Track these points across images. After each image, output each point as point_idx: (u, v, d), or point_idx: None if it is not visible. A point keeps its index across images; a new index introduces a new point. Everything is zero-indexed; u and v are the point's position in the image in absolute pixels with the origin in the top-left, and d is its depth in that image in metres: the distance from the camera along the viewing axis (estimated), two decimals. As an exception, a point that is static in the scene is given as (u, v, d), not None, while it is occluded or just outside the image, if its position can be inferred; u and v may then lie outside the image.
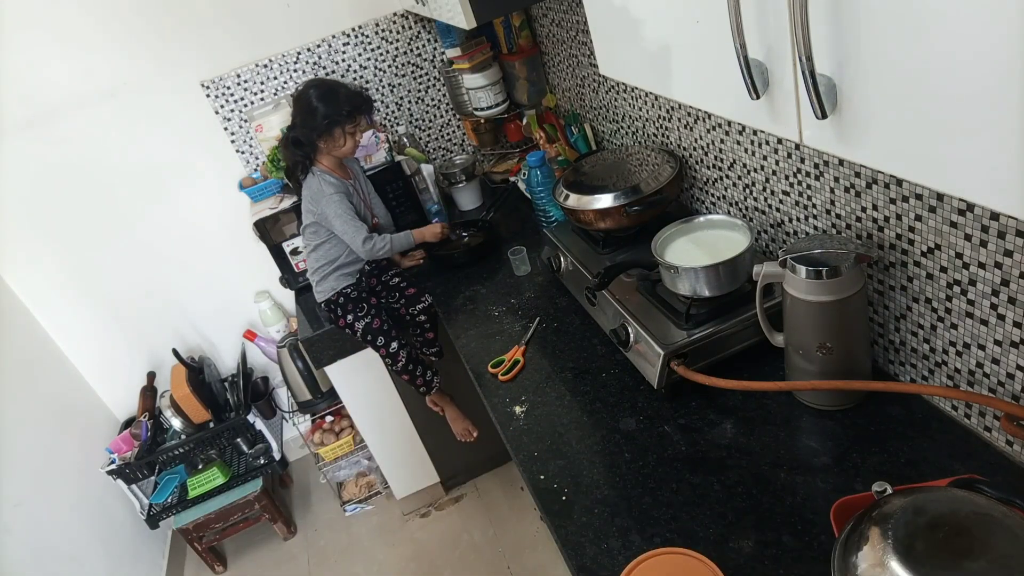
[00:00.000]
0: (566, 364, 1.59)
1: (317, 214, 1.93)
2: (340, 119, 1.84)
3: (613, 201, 1.63)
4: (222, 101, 2.42)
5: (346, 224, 1.91)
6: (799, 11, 0.59)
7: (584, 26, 1.98)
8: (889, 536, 0.81)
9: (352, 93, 1.87)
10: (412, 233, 2.06)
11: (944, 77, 0.52)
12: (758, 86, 0.72)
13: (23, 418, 2.27)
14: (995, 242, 0.96)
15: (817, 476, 1.16)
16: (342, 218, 1.90)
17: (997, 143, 0.50)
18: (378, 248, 1.95)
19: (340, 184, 1.93)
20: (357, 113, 1.87)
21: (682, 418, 1.35)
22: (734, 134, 1.48)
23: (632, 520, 1.18)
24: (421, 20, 2.52)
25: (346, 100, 1.84)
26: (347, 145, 1.90)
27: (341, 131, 1.86)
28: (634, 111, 1.91)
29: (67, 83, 2.25)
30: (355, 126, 1.89)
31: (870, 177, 1.14)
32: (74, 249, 2.46)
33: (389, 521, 2.70)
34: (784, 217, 1.43)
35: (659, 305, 1.44)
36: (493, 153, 2.75)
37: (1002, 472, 1.07)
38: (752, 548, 1.08)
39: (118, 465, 2.46)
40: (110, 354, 2.64)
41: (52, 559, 2.14)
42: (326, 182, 1.91)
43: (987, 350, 1.06)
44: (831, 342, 1.17)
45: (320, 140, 1.87)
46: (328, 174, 1.92)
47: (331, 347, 2.20)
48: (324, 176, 1.92)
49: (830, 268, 1.11)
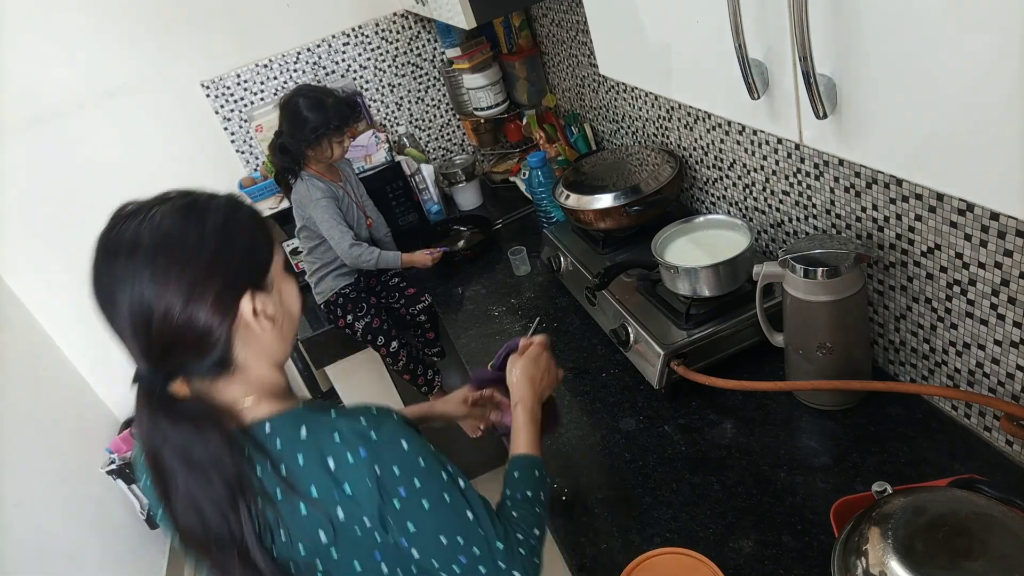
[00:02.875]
0: (566, 364, 1.59)
1: (306, 218, 1.94)
2: (327, 131, 1.84)
3: (613, 201, 1.63)
4: (222, 101, 2.42)
5: (332, 229, 1.91)
6: (799, 11, 0.59)
7: (584, 26, 1.98)
8: (889, 536, 0.81)
9: (340, 102, 1.86)
10: (401, 256, 2.02)
11: (944, 77, 0.52)
12: (758, 86, 0.72)
13: (23, 418, 2.27)
14: (995, 242, 0.96)
15: (817, 476, 1.16)
16: (328, 223, 1.91)
17: (997, 143, 0.50)
18: (364, 259, 1.94)
19: (328, 188, 1.93)
20: (345, 125, 1.87)
21: (682, 418, 1.35)
22: (734, 134, 1.48)
23: (632, 520, 1.18)
24: (421, 20, 2.52)
25: (334, 111, 1.83)
26: (335, 153, 1.90)
27: (328, 141, 1.86)
28: (634, 111, 1.91)
29: (67, 83, 2.25)
30: (343, 135, 1.89)
31: (870, 177, 1.14)
32: (74, 249, 2.44)
33: (389, 521, 2.69)
34: (784, 217, 1.43)
35: (659, 305, 1.44)
36: (493, 153, 2.75)
37: (1002, 472, 1.07)
38: (752, 548, 1.08)
39: (118, 465, 2.46)
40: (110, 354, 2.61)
41: (52, 559, 2.14)
42: (314, 186, 1.91)
43: (987, 350, 1.06)
44: (831, 342, 1.17)
45: (308, 149, 1.87)
46: (317, 178, 1.93)
47: (331, 347, 2.20)
48: (312, 180, 1.92)
49: (830, 268, 1.11)
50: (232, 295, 0.79)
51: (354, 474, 0.79)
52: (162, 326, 0.76)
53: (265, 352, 0.85)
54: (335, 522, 0.79)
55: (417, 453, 0.82)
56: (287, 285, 0.88)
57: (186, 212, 0.80)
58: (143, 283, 0.75)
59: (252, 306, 0.80)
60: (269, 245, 0.85)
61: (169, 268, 0.75)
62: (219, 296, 0.77)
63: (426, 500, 0.82)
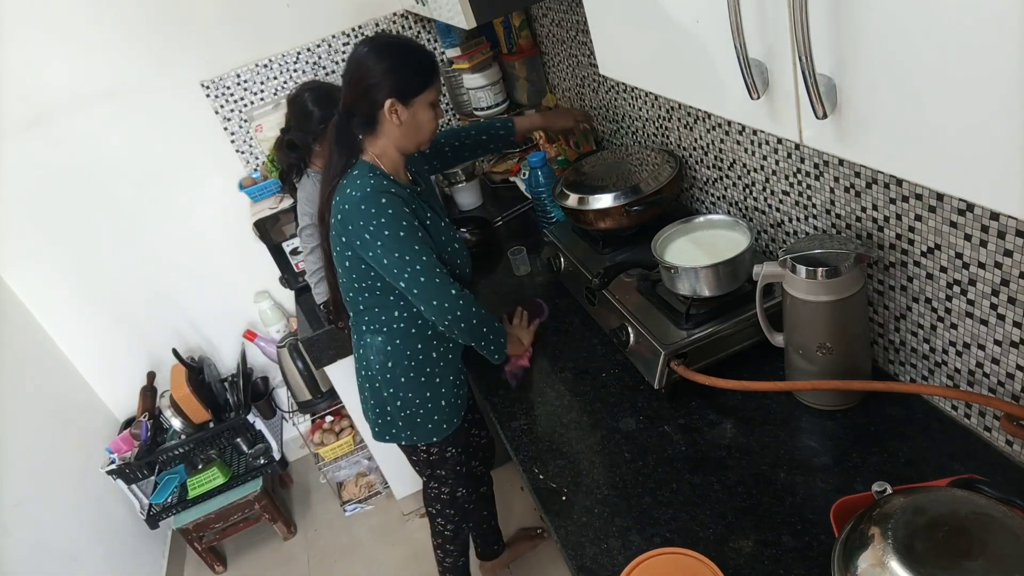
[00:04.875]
0: (566, 364, 1.59)
1: (313, 216, 1.93)
2: None
3: (613, 201, 1.63)
4: (222, 101, 2.42)
5: None
6: (799, 11, 0.59)
7: (584, 26, 1.98)
8: (889, 536, 0.81)
9: None
10: None
11: (944, 77, 0.52)
12: (758, 86, 0.72)
13: (23, 418, 2.27)
14: (995, 242, 0.96)
15: (817, 476, 1.16)
16: None
17: (997, 143, 0.50)
18: None
19: None
20: None
21: (682, 418, 1.35)
22: (734, 134, 1.48)
23: (632, 520, 1.18)
24: (421, 20, 2.52)
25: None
26: None
27: None
28: (634, 111, 1.91)
29: (67, 83, 2.25)
30: None
31: (870, 177, 1.14)
32: (74, 249, 2.46)
33: (389, 521, 2.69)
34: (784, 217, 1.43)
35: (659, 305, 1.44)
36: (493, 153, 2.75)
37: (1002, 472, 1.07)
38: (752, 548, 1.08)
39: (118, 465, 2.46)
40: (110, 354, 2.64)
41: (52, 559, 2.14)
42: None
43: (987, 350, 1.06)
44: (831, 342, 1.17)
45: (315, 143, 1.87)
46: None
47: (331, 347, 2.20)
48: (319, 177, 1.91)
49: (830, 268, 1.11)
50: (383, 95, 1.42)
51: (349, 200, 1.43)
52: (354, 88, 1.45)
53: (391, 138, 1.48)
54: (336, 220, 1.47)
55: (389, 206, 1.42)
56: (425, 113, 1.47)
57: (379, 54, 1.42)
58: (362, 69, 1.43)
59: (389, 107, 1.42)
60: (422, 86, 1.45)
61: (368, 71, 1.42)
62: (375, 91, 1.42)
63: (387, 231, 1.41)
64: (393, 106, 1.42)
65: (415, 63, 1.44)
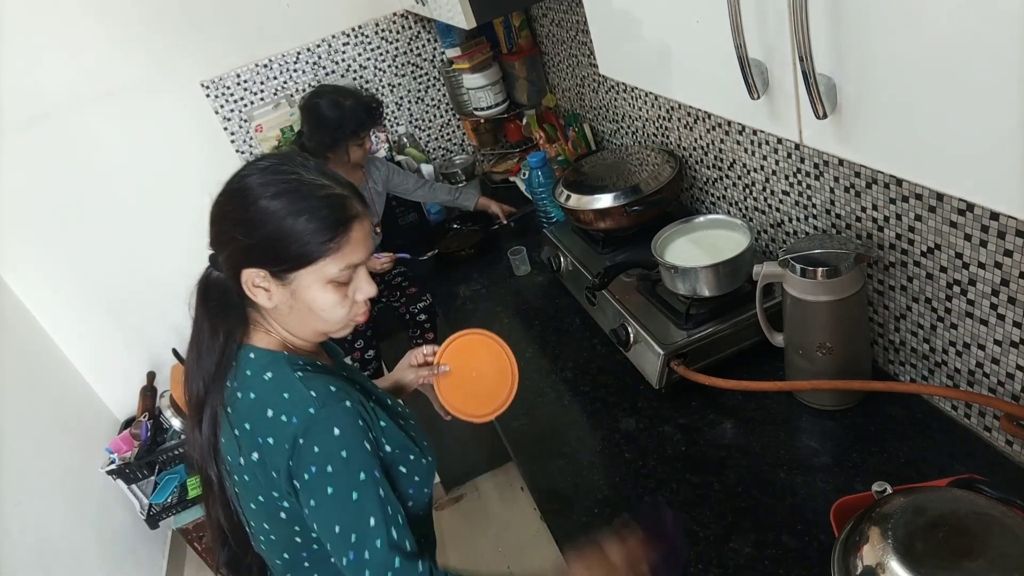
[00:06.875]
0: (566, 364, 1.59)
1: None
2: (346, 136, 1.84)
3: (613, 201, 1.63)
4: (222, 101, 2.42)
5: None
6: (799, 11, 0.59)
7: (584, 26, 1.98)
8: (889, 536, 0.81)
9: (359, 105, 1.86)
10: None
11: (944, 77, 0.52)
12: (758, 86, 0.72)
13: (23, 418, 2.27)
14: (995, 242, 0.96)
15: (817, 476, 1.16)
16: None
17: (996, 143, 0.50)
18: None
19: None
20: (363, 129, 1.87)
21: (682, 418, 1.35)
22: (734, 134, 1.48)
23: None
24: (421, 20, 2.52)
25: (352, 115, 1.84)
26: (353, 155, 1.90)
27: (346, 144, 1.86)
28: (634, 111, 1.91)
29: (67, 83, 2.25)
30: (361, 139, 1.89)
31: (870, 177, 1.14)
32: (74, 249, 2.46)
33: (389, 521, 2.69)
34: (784, 217, 1.43)
35: (659, 305, 1.44)
36: (493, 153, 2.75)
37: (1002, 472, 1.07)
38: (752, 548, 1.08)
39: (118, 465, 2.46)
40: (110, 354, 2.63)
41: (52, 559, 2.14)
42: None
43: (987, 350, 1.06)
44: (831, 342, 1.17)
45: (330, 152, 1.87)
46: None
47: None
48: None
49: (830, 268, 1.11)
50: (238, 261, 0.94)
51: (279, 432, 0.90)
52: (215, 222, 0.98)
53: (278, 319, 0.98)
54: (249, 458, 0.93)
55: (344, 445, 0.89)
56: (319, 294, 0.94)
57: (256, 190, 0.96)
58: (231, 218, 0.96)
59: (252, 280, 0.93)
60: (312, 256, 0.92)
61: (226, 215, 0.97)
62: (237, 255, 0.94)
63: (331, 487, 0.89)
64: (254, 279, 0.93)
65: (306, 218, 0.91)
